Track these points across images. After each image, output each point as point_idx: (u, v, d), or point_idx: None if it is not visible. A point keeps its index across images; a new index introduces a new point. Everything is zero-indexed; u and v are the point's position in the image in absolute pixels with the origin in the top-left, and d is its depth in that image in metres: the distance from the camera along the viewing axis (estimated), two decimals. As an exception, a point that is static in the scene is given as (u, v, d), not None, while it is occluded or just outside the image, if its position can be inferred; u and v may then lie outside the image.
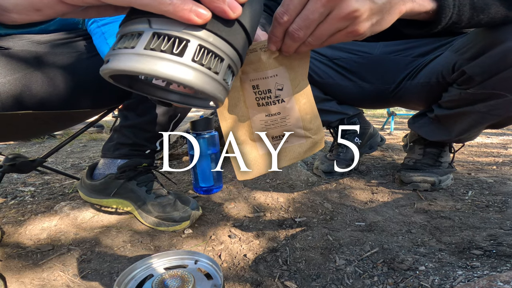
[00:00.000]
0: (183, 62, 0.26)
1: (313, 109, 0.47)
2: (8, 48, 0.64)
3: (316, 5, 0.34)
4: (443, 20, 0.45)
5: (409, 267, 0.58)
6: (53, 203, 0.89)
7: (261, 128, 0.47)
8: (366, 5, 0.35)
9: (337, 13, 0.35)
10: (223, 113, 0.45)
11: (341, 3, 0.34)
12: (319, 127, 0.49)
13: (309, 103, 0.47)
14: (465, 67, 0.74)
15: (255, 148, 0.48)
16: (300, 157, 0.49)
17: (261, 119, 0.46)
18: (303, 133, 0.48)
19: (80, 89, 0.71)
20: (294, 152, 0.49)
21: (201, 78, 0.27)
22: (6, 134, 0.76)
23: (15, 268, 0.61)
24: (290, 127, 0.47)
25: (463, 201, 0.89)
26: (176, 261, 0.53)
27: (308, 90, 0.47)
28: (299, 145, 0.49)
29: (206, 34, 0.27)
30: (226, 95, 0.32)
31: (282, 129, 0.47)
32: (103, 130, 2.47)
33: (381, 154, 1.47)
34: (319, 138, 0.49)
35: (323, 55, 1.08)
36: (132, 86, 0.33)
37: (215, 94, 0.29)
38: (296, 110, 0.46)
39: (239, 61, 0.32)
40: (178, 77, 0.25)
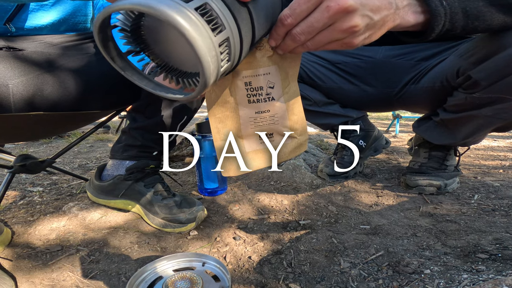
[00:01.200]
0: (184, 6, 0.25)
1: (300, 111, 0.49)
2: (21, 50, 0.66)
3: (322, 15, 0.37)
4: (436, 29, 0.46)
5: (414, 271, 0.58)
6: (61, 204, 0.90)
7: (250, 125, 0.47)
8: (365, 21, 0.38)
9: (339, 26, 0.38)
10: (213, 108, 0.46)
11: (345, 17, 0.37)
12: (304, 128, 0.50)
13: (297, 104, 0.49)
14: (470, 71, 0.74)
15: (242, 145, 0.49)
16: (285, 157, 0.50)
17: (251, 116, 0.47)
18: (289, 133, 0.49)
19: (90, 91, 0.72)
20: (280, 152, 0.50)
21: (194, 25, 0.26)
22: (17, 135, 0.78)
23: (25, 268, 0.62)
24: (278, 126, 0.48)
25: (469, 205, 0.88)
26: (185, 263, 0.54)
27: (297, 92, 0.48)
28: (285, 145, 0.50)
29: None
30: (216, 74, 0.30)
31: (270, 127, 0.48)
32: (109, 131, 2.50)
33: (386, 157, 1.46)
34: (304, 139, 0.51)
35: (325, 59, 1.09)
36: (115, 61, 0.33)
37: (205, 53, 0.27)
38: (284, 110, 0.47)
39: (239, 45, 0.31)
40: (176, 19, 0.24)
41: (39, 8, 0.68)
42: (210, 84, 0.30)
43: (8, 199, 0.96)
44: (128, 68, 0.34)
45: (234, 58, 0.32)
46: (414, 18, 0.44)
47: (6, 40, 0.67)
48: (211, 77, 0.29)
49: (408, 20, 0.44)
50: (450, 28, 0.48)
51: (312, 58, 1.10)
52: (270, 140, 0.49)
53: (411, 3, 0.43)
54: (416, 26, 0.46)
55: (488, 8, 0.50)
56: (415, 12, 0.44)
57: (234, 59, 0.32)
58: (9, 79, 0.60)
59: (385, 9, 0.40)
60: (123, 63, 0.33)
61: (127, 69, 0.34)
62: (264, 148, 0.49)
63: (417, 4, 0.44)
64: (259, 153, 0.49)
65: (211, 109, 0.46)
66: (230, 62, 0.32)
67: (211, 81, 0.30)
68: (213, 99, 0.46)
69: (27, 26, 0.68)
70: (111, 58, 0.32)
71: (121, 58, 0.33)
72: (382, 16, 0.40)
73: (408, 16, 0.43)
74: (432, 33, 0.46)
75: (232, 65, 0.34)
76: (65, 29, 0.75)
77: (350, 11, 0.36)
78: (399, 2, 0.42)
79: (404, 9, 0.43)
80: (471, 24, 0.50)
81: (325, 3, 0.36)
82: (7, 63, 0.61)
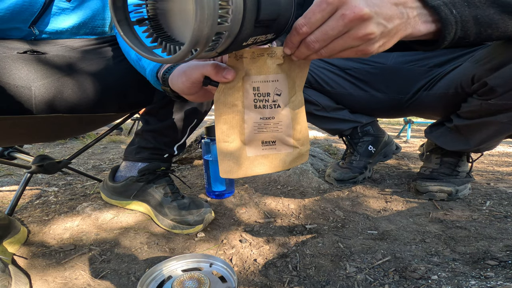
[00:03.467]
0: None
1: (304, 121, 0.49)
2: (44, 53, 0.69)
3: (338, 23, 0.37)
4: (448, 37, 0.46)
5: (421, 276, 0.58)
6: (75, 204, 0.93)
7: (254, 130, 0.48)
8: (380, 29, 0.39)
9: (354, 33, 0.38)
10: (220, 110, 0.47)
11: (360, 25, 0.38)
12: (306, 139, 0.50)
13: (301, 114, 0.49)
14: (486, 78, 0.74)
15: (244, 150, 0.49)
16: (285, 166, 0.50)
17: (255, 121, 0.47)
18: (292, 142, 0.49)
19: (107, 94, 0.75)
20: (280, 161, 0.50)
21: None
22: (37, 136, 0.81)
23: (40, 267, 0.65)
24: (281, 134, 0.48)
25: (480, 211, 0.86)
26: (193, 263, 0.56)
27: (302, 102, 0.49)
28: (286, 154, 0.50)
29: None
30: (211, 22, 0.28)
31: (273, 134, 0.48)
32: (121, 133, 2.57)
33: (396, 162, 1.44)
34: (305, 150, 0.51)
35: (334, 65, 1.09)
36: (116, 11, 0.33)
37: None
38: (289, 118, 0.48)
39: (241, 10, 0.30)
40: None
41: (61, 12, 0.71)
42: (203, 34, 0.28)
43: (25, 198, 1.00)
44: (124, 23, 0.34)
45: (234, 23, 0.31)
46: (425, 27, 0.45)
47: (30, 44, 0.70)
48: (205, 24, 0.27)
49: (419, 29, 0.44)
50: (463, 36, 0.48)
51: (321, 64, 1.11)
52: (272, 148, 0.49)
53: (421, 12, 0.44)
54: (427, 35, 0.46)
55: (500, 15, 0.49)
56: (426, 21, 0.45)
57: (234, 24, 0.31)
58: (32, 82, 0.63)
59: (397, 18, 0.41)
60: (127, 29, 0.34)
61: (123, 23, 0.34)
62: (265, 155, 0.49)
63: (428, 14, 0.45)
64: (260, 159, 0.49)
65: (218, 110, 0.47)
66: (229, 24, 0.30)
67: (204, 29, 0.28)
68: (222, 100, 0.47)
69: (50, 30, 0.72)
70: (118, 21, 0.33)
71: (127, 24, 0.34)
72: (395, 25, 0.41)
73: (419, 25, 0.44)
74: (444, 41, 0.47)
75: (231, 33, 0.32)
76: (84, 32, 0.78)
77: (365, 19, 0.37)
78: (410, 12, 0.43)
79: (414, 19, 0.43)
80: (485, 32, 0.49)
81: (340, 11, 0.37)
82: (31, 67, 0.65)
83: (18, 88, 0.61)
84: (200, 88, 0.50)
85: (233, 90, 0.46)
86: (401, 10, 0.41)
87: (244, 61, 0.45)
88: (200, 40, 0.29)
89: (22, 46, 0.68)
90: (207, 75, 0.46)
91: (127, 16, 0.34)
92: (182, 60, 0.32)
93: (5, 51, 0.63)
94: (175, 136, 0.88)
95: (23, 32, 0.69)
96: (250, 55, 0.45)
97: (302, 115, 0.49)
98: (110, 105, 0.78)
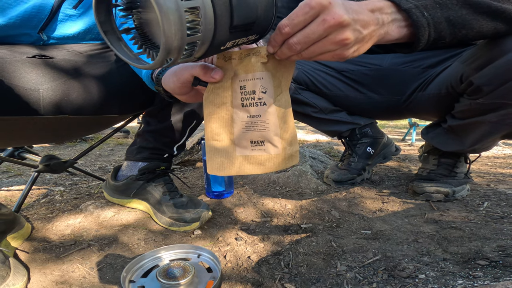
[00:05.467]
0: None
1: (291, 120, 0.50)
2: (51, 57, 0.73)
3: (318, 28, 0.40)
4: (422, 39, 0.48)
5: (409, 275, 0.58)
6: (79, 202, 0.97)
7: (242, 129, 0.49)
8: (355, 35, 0.41)
9: (332, 38, 0.41)
10: (209, 109, 0.48)
11: (338, 31, 0.40)
12: (295, 138, 0.50)
13: (288, 114, 0.50)
14: (472, 77, 0.74)
15: (233, 148, 0.50)
16: (274, 167, 0.49)
17: (243, 120, 0.48)
18: (280, 142, 0.49)
19: (111, 96, 0.78)
20: (270, 161, 0.49)
21: None
22: (44, 136, 0.85)
23: (39, 260, 0.67)
24: (268, 132, 0.48)
25: (477, 212, 0.86)
26: (181, 254, 0.58)
27: (288, 102, 0.50)
28: (276, 155, 0.49)
29: None
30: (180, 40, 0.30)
31: (261, 133, 0.48)
32: (128, 135, 2.62)
33: (397, 164, 1.44)
34: (294, 150, 0.50)
35: (330, 68, 1.10)
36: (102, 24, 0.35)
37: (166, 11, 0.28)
38: (275, 116, 0.48)
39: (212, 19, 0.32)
40: None
41: (68, 18, 0.75)
42: (173, 46, 0.31)
43: (32, 197, 1.04)
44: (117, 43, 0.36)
45: (206, 32, 0.32)
46: (397, 32, 0.47)
47: (38, 49, 0.74)
48: (173, 38, 0.30)
49: (392, 34, 0.46)
50: (438, 37, 0.49)
51: (317, 66, 1.12)
52: (261, 148, 0.49)
53: (396, 18, 0.46)
54: (401, 39, 0.48)
55: (473, 16, 0.51)
56: (399, 26, 0.47)
57: (206, 33, 0.33)
58: (40, 85, 0.67)
59: (373, 24, 0.43)
60: (115, 38, 0.36)
61: (110, 34, 0.36)
62: (253, 155, 0.49)
63: (402, 19, 0.47)
64: (249, 159, 0.50)
65: (207, 109, 0.49)
66: (200, 34, 0.32)
67: (173, 42, 0.30)
68: (211, 100, 0.49)
69: (57, 35, 0.76)
70: (104, 32, 0.35)
71: (114, 34, 0.36)
72: (369, 31, 0.43)
73: (392, 30, 0.46)
74: (419, 43, 0.48)
75: (205, 41, 0.34)
76: (90, 38, 0.82)
77: (344, 25, 0.40)
78: (385, 18, 0.45)
79: (388, 25, 0.46)
80: (459, 32, 0.51)
81: (321, 16, 0.39)
82: (39, 70, 0.68)
83: (27, 91, 0.65)
84: (191, 88, 0.52)
85: (221, 90, 0.48)
86: (377, 16, 0.44)
87: (232, 62, 0.47)
88: (172, 51, 0.31)
89: (31, 50, 0.72)
90: (196, 76, 0.48)
91: (114, 26, 0.37)
92: (161, 67, 0.34)
93: (16, 55, 0.67)
94: (175, 137, 0.90)
95: (32, 37, 0.73)
96: (238, 56, 0.47)
97: (289, 115, 0.50)
98: (114, 107, 0.81)
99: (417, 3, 0.46)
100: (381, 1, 0.45)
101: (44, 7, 0.70)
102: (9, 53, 0.67)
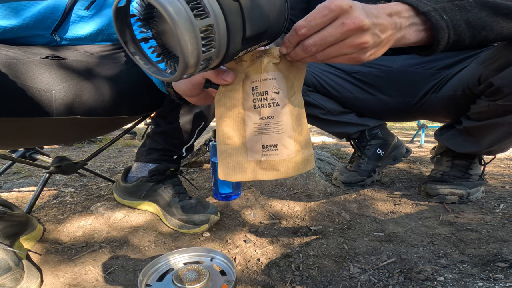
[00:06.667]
0: None
1: (305, 123, 0.48)
2: (64, 58, 0.74)
3: (336, 30, 0.39)
4: (442, 41, 0.47)
5: (427, 278, 0.56)
6: (90, 204, 0.97)
7: (254, 132, 0.47)
8: (374, 39, 0.41)
9: (350, 41, 0.40)
10: (220, 111, 0.47)
11: (357, 34, 0.39)
12: (308, 142, 0.48)
13: (302, 116, 0.48)
14: (492, 78, 0.74)
15: (245, 153, 0.48)
16: (288, 172, 0.47)
17: (255, 122, 0.47)
18: (293, 145, 0.47)
19: (122, 97, 0.78)
20: (283, 166, 0.47)
21: (176, 7, 0.29)
22: (55, 137, 0.85)
23: (52, 262, 0.67)
24: (282, 134, 0.46)
25: (493, 214, 0.83)
26: (194, 257, 0.57)
27: (302, 104, 0.48)
28: (289, 159, 0.47)
29: None
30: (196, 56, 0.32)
31: (274, 136, 0.46)
32: (135, 137, 2.65)
33: (407, 166, 1.42)
34: (309, 154, 0.48)
35: (339, 69, 1.10)
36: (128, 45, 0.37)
37: (183, 32, 0.30)
38: (289, 118, 0.46)
39: (225, 35, 0.33)
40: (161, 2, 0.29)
41: (80, 19, 0.76)
42: (191, 64, 0.32)
43: (43, 198, 1.05)
44: (138, 53, 0.38)
45: (219, 47, 0.34)
46: (415, 35, 0.46)
47: (51, 50, 0.75)
48: (190, 58, 0.32)
49: (410, 38, 0.46)
50: (457, 40, 0.48)
51: (326, 68, 1.11)
52: (274, 153, 0.47)
53: (414, 22, 0.45)
54: (419, 42, 0.47)
55: (493, 18, 0.50)
56: (417, 30, 0.46)
57: (220, 48, 0.34)
58: (53, 86, 0.67)
59: (390, 28, 0.43)
60: (135, 48, 0.37)
61: (137, 53, 0.38)
62: (266, 161, 0.47)
63: (420, 23, 0.46)
64: (261, 164, 0.48)
65: (218, 112, 0.48)
66: (215, 50, 0.34)
67: (190, 62, 0.32)
68: (222, 102, 0.48)
69: (70, 36, 0.77)
70: (124, 42, 0.36)
71: (134, 43, 0.37)
72: (387, 35, 0.42)
73: (410, 34, 0.45)
74: (438, 45, 0.47)
75: (219, 55, 0.35)
76: (101, 39, 0.82)
77: (364, 29, 0.39)
78: (403, 22, 0.44)
79: (406, 28, 0.45)
80: (479, 34, 0.50)
81: (340, 19, 0.39)
82: (52, 71, 0.69)
83: (40, 91, 0.65)
84: (201, 90, 0.52)
85: (233, 92, 0.47)
86: (395, 20, 0.43)
87: (243, 64, 0.47)
88: (189, 67, 0.33)
89: (44, 51, 0.73)
90: (208, 78, 0.48)
91: (133, 35, 0.37)
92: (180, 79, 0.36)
93: (29, 56, 0.68)
94: (184, 138, 0.90)
95: (45, 38, 0.74)
96: (250, 57, 0.46)
97: (303, 117, 0.48)
98: (124, 108, 0.81)
99: (435, 6, 0.46)
100: (398, 4, 0.45)
101: (57, 8, 0.71)
102: (23, 54, 0.68)
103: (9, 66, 0.62)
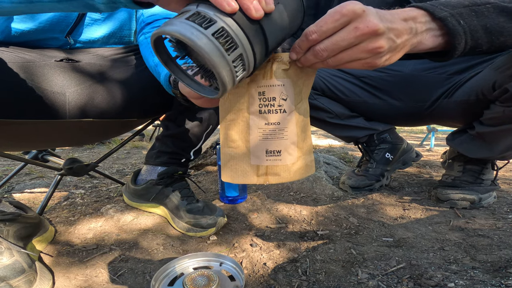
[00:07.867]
0: (205, 32, 0.33)
1: (308, 130, 0.49)
2: (78, 61, 0.75)
3: (349, 35, 0.39)
4: (458, 47, 0.46)
5: (437, 284, 0.55)
6: (100, 206, 0.99)
7: (258, 136, 0.47)
8: (389, 44, 0.40)
9: (364, 46, 0.39)
10: (225, 115, 0.47)
11: (371, 39, 0.39)
12: (310, 149, 0.49)
13: (306, 123, 0.48)
14: (507, 84, 0.73)
15: (248, 157, 0.48)
16: (290, 177, 0.48)
17: (260, 127, 0.47)
18: (296, 151, 0.47)
19: (133, 100, 0.80)
20: (285, 171, 0.47)
21: (211, 48, 0.33)
22: (68, 139, 0.87)
23: (63, 264, 0.69)
24: (286, 141, 0.46)
25: (505, 220, 0.82)
26: (204, 262, 0.58)
27: (307, 111, 0.48)
28: (292, 165, 0.47)
29: (231, 22, 0.34)
30: (232, 82, 0.37)
31: (279, 142, 0.47)
32: (143, 138, 2.68)
33: (417, 170, 1.40)
34: (310, 160, 0.49)
35: (348, 73, 1.09)
36: (168, 64, 0.41)
37: (219, 66, 0.34)
38: (294, 124, 0.46)
39: (252, 57, 0.37)
40: (195, 40, 0.32)
41: (93, 23, 0.78)
42: (228, 89, 0.37)
43: (54, 200, 1.08)
44: (177, 70, 0.42)
45: (249, 67, 0.38)
46: (432, 41, 0.45)
47: (66, 53, 0.77)
48: (228, 85, 0.37)
49: (426, 43, 0.45)
50: (474, 46, 0.47)
51: (334, 72, 1.11)
52: (277, 159, 0.47)
53: (430, 27, 0.45)
54: (435, 48, 0.46)
55: (511, 23, 0.49)
56: (434, 35, 0.45)
57: (249, 68, 0.38)
58: (67, 88, 0.69)
59: (406, 33, 0.42)
60: (173, 66, 0.41)
61: (177, 71, 0.42)
62: (269, 166, 0.47)
63: (437, 28, 0.45)
64: (264, 169, 0.48)
65: (223, 115, 0.48)
66: (245, 71, 0.38)
67: (228, 87, 0.37)
68: (227, 106, 0.48)
69: (83, 39, 0.79)
70: (164, 62, 0.40)
71: (172, 62, 0.41)
72: (403, 40, 0.42)
73: (426, 40, 0.45)
74: (455, 51, 0.46)
75: (249, 72, 0.39)
76: (113, 42, 0.84)
77: (378, 33, 0.38)
78: (419, 27, 0.44)
79: (422, 34, 0.44)
80: (497, 40, 0.49)
81: (353, 24, 0.38)
82: (66, 74, 0.71)
83: (54, 94, 0.67)
84: None
85: (238, 96, 0.47)
86: (410, 25, 0.42)
87: None
88: (227, 90, 0.38)
89: (59, 54, 0.75)
90: None
91: (169, 55, 0.41)
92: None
93: (45, 59, 0.70)
94: (192, 141, 0.91)
95: (60, 41, 0.76)
96: None
97: (307, 124, 0.49)
98: (135, 111, 0.83)
99: (452, 11, 0.45)
100: (414, 10, 0.44)
101: None
102: (39, 56, 0.69)
103: (25, 69, 0.64)
